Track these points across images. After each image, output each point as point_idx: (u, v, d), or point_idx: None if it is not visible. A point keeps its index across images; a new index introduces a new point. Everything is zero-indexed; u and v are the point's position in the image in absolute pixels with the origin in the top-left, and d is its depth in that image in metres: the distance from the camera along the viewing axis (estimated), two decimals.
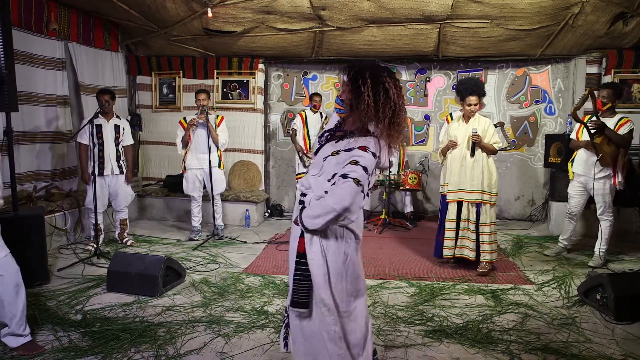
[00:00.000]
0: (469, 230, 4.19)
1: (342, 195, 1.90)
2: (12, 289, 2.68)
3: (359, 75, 1.97)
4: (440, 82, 6.75)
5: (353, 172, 1.93)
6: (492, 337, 2.97)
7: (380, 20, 5.45)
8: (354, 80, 1.97)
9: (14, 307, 2.70)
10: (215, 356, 2.74)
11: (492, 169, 4.17)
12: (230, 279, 4.03)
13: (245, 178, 6.72)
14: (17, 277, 2.72)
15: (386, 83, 1.95)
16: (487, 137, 4.12)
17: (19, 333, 2.72)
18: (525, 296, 3.71)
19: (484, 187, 4.11)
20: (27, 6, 4.83)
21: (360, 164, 1.94)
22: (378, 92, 1.93)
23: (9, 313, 2.69)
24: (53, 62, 5.25)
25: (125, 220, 5.20)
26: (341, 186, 1.92)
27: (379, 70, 1.98)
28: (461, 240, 4.24)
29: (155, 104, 6.86)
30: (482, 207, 4.15)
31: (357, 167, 1.94)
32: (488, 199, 4.13)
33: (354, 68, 2.01)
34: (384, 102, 1.94)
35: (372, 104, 1.93)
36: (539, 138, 6.55)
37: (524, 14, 5.11)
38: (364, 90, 1.93)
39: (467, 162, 4.15)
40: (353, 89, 1.97)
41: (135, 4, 5.26)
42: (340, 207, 1.90)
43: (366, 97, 1.93)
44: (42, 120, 5.14)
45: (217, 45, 6.29)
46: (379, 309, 3.41)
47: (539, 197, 6.66)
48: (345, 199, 1.90)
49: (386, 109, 1.94)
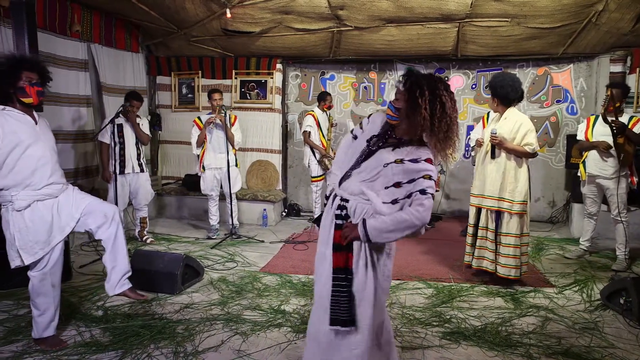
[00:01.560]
0: (487, 239, 3.85)
1: (424, 211, 1.93)
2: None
3: (416, 86, 1.97)
4: (459, 82, 6.68)
5: (430, 188, 1.96)
6: (512, 340, 2.94)
7: (399, 20, 5.42)
8: (411, 91, 1.97)
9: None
10: (232, 354, 2.76)
11: (519, 174, 3.75)
12: (247, 278, 4.06)
13: (263, 177, 6.76)
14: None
15: (443, 97, 1.97)
16: (517, 138, 3.72)
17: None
18: (545, 299, 3.65)
19: (504, 194, 3.73)
20: (51, 8, 4.94)
21: (433, 178, 1.98)
22: (435, 106, 1.94)
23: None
24: (76, 63, 5.36)
25: (145, 219, 5.28)
26: (422, 202, 1.94)
27: (437, 83, 1.99)
28: (479, 250, 3.92)
29: (174, 104, 6.95)
30: (501, 216, 3.79)
31: (431, 182, 1.97)
32: (508, 207, 3.72)
33: (411, 78, 2.02)
34: (440, 116, 1.95)
35: (429, 117, 1.94)
36: (560, 138, 6.43)
37: (546, 12, 5.02)
38: (422, 103, 1.94)
39: (488, 165, 3.84)
40: (410, 100, 1.97)
41: (156, 5, 5.33)
42: (421, 222, 1.93)
43: (423, 110, 1.94)
44: (66, 120, 5.25)
45: (236, 45, 6.34)
46: (396, 310, 3.40)
47: (560, 199, 6.54)
48: (427, 214, 1.94)
49: (442, 123, 1.96)
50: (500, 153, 3.79)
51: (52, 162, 2.73)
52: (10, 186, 2.58)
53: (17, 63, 2.57)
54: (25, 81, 2.58)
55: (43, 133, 2.75)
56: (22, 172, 2.59)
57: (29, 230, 2.63)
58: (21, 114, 2.64)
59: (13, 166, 2.57)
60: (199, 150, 5.44)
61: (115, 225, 2.95)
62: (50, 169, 2.70)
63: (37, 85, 2.63)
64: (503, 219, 3.79)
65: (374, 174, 2.02)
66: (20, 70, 2.56)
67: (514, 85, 3.80)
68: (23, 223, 2.62)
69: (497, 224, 3.82)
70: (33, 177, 2.62)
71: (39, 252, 2.67)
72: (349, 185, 2.07)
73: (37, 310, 2.75)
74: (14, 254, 2.66)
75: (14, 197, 2.58)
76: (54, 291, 2.77)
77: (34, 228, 2.64)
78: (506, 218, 3.77)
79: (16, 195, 2.58)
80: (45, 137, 2.76)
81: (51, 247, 2.71)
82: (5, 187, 2.58)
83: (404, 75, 2.06)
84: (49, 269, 2.73)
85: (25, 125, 2.63)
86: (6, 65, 2.54)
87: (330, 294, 2.00)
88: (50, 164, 2.71)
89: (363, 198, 2.02)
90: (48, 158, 2.70)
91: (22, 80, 2.58)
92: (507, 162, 3.77)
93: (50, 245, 2.71)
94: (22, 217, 2.61)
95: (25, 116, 2.66)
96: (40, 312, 2.75)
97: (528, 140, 3.73)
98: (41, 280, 2.72)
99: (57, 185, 2.76)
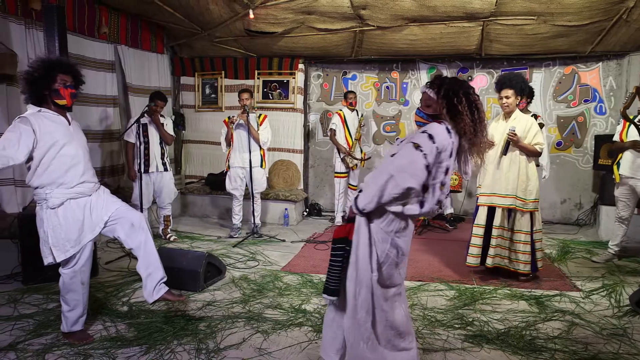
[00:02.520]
0: (503, 238, 3.92)
1: (397, 156, 2.01)
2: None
3: (452, 93, 2.04)
4: (483, 81, 6.58)
5: (416, 138, 2.01)
6: (536, 345, 2.88)
7: (422, 19, 5.38)
8: (448, 97, 2.04)
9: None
10: (253, 352, 2.79)
11: (530, 173, 3.86)
12: (269, 277, 4.09)
13: (285, 177, 6.79)
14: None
15: (477, 101, 2.07)
16: (528, 137, 3.80)
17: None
18: (571, 304, 3.56)
19: (518, 193, 3.81)
20: (80, 11, 5.07)
21: (429, 132, 2.01)
22: (472, 110, 2.04)
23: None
24: (104, 64, 5.49)
25: (169, 217, 5.37)
26: (401, 148, 2.03)
27: (469, 88, 2.08)
28: (495, 249, 3.93)
29: (198, 104, 7.05)
30: (515, 213, 3.88)
31: (424, 135, 2.01)
32: (522, 205, 3.82)
33: (444, 84, 2.08)
34: (479, 119, 2.05)
35: (470, 122, 2.02)
36: (588, 139, 6.27)
37: (573, 10, 4.91)
38: (462, 109, 2.01)
39: (502, 163, 3.86)
40: (448, 106, 2.04)
41: (180, 6, 5.42)
42: (394, 168, 1.96)
43: (465, 116, 2.02)
44: (93, 120, 5.39)
45: (258, 45, 6.39)
46: (417, 312, 3.37)
47: (587, 201, 6.38)
48: (402, 162, 1.98)
49: (482, 126, 2.06)
50: (511, 150, 3.86)
51: (85, 161, 2.81)
52: (45, 184, 2.66)
53: (52, 66, 2.65)
54: (59, 84, 2.66)
55: (76, 133, 2.84)
56: (57, 171, 2.67)
57: (62, 227, 2.69)
58: (55, 115, 2.73)
59: (48, 165, 2.65)
60: (228, 148, 5.49)
61: (143, 233, 2.93)
62: (82, 168, 2.77)
63: (70, 87, 2.71)
64: (515, 217, 3.89)
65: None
66: (55, 73, 2.64)
67: (524, 80, 4.02)
68: (57, 221, 2.69)
69: (508, 221, 3.94)
70: (66, 176, 2.69)
71: (70, 250, 2.73)
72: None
73: (66, 305, 2.84)
74: (46, 250, 2.74)
75: (49, 195, 2.66)
76: (83, 288, 2.85)
77: (66, 226, 2.70)
78: (518, 216, 3.88)
79: (50, 193, 2.66)
80: (78, 137, 2.84)
81: (82, 246, 2.78)
82: (40, 185, 2.66)
83: (432, 82, 2.12)
84: (79, 267, 2.81)
85: (59, 125, 2.71)
86: (42, 69, 2.62)
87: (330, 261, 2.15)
88: (82, 163, 2.78)
89: None
90: (81, 157, 2.78)
91: (56, 83, 2.65)
92: (521, 160, 3.85)
93: (81, 244, 2.77)
94: (55, 214, 2.68)
95: (59, 117, 2.74)
96: (69, 308, 2.84)
97: (539, 140, 3.85)
98: (72, 277, 2.80)
99: (89, 184, 2.83)
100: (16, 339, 2.89)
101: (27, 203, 4.31)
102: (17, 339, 2.88)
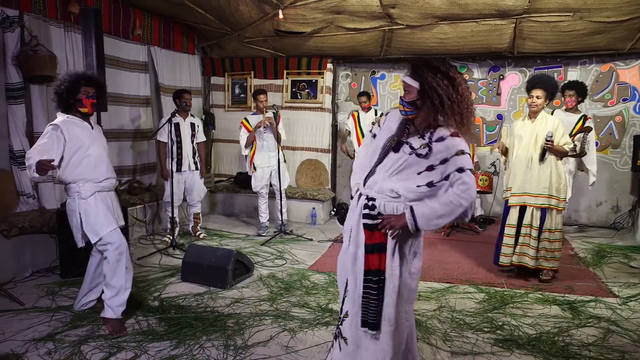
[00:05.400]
0: (530, 237, 3.94)
1: (468, 189, 1.88)
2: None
3: (429, 73, 1.93)
4: (515, 80, 6.43)
5: (467, 163, 1.91)
6: (569, 352, 2.80)
7: (452, 17, 5.29)
8: (425, 79, 1.93)
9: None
10: (280, 350, 2.81)
11: (560, 172, 3.89)
12: (296, 275, 4.11)
13: (312, 176, 6.82)
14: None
15: (457, 79, 1.93)
16: (556, 137, 3.81)
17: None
18: (607, 310, 3.44)
19: (552, 192, 3.86)
20: (116, 14, 5.23)
21: (466, 152, 1.92)
22: (455, 89, 1.92)
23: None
24: (137, 65, 5.64)
25: (199, 215, 5.47)
26: (464, 180, 1.88)
27: (447, 66, 1.95)
28: (521, 247, 3.98)
29: (227, 104, 7.15)
30: (548, 212, 3.89)
31: (466, 156, 1.92)
32: (556, 204, 3.87)
33: (420, 67, 1.97)
34: (457, 98, 1.91)
35: (448, 101, 1.90)
36: (626, 139, 6.04)
37: (612, 5, 4.73)
38: (438, 87, 1.90)
39: (533, 164, 3.88)
40: (425, 88, 1.93)
41: (211, 8, 5.51)
42: (468, 202, 1.89)
43: (442, 94, 1.90)
44: (126, 119, 5.54)
45: (287, 45, 6.43)
46: (445, 314, 3.33)
47: (625, 204, 6.15)
48: (472, 192, 1.89)
49: (462, 106, 1.92)
50: (548, 155, 3.88)
51: (107, 160, 3.19)
52: (78, 180, 3.03)
53: (77, 80, 3.01)
54: (82, 94, 3.03)
55: (98, 135, 3.22)
56: (87, 168, 3.04)
57: (92, 212, 3.03)
58: (80, 121, 3.10)
59: (79, 164, 3.02)
60: (248, 150, 5.54)
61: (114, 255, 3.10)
62: (106, 165, 3.15)
63: (92, 97, 3.08)
64: (551, 216, 3.91)
65: (400, 164, 1.99)
66: (79, 85, 3.01)
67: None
68: (88, 207, 3.03)
69: (542, 221, 3.92)
70: (95, 172, 3.07)
71: (103, 230, 3.02)
72: (374, 183, 2.04)
73: (110, 291, 3.03)
74: (79, 236, 3.09)
75: (81, 189, 3.03)
76: (127, 273, 3.07)
77: (96, 211, 3.04)
78: (552, 214, 3.91)
79: (83, 187, 3.03)
80: (100, 139, 3.22)
81: (113, 228, 3.06)
82: (73, 181, 3.03)
83: (412, 67, 2.02)
84: (124, 248, 3.07)
85: (84, 129, 3.09)
86: (67, 82, 2.99)
87: (361, 295, 1.99)
88: (105, 161, 3.17)
89: (391, 195, 1.99)
90: (104, 157, 3.17)
91: (80, 94, 3.03)
92: (552, 160, 3.87)
93: (111, 226, 3.05)
94: (87, 203, 3.04)
95: (83, 122, 3.12)
96: (112, 294, 3.02)
97: (567, 140, 3.88)
98: (118, 260, 3.03)
99: (112, 179, 3.20)
100: (54, 329, 3.01)
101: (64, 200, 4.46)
102: (55, 330, 3.00)
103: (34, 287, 3.75)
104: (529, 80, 3.98)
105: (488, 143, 6.64)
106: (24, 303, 3.40)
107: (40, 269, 4.10)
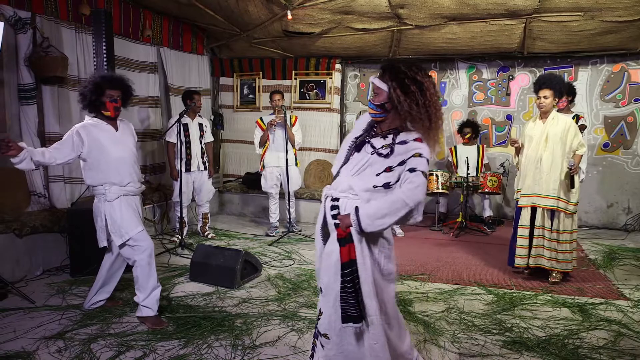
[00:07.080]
0: (544, 238, 3.93)
1: (414, 189, 1.89)
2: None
3: (398, 78, 1.96)
4: (525, 80, 6.38)
5: (421, 165, 1.93)
6: (579, 355, 2.77)
7: (461, 17, 5.27)
8: (398, 82, 1.96)
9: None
10: (288, 350, 2.81)
11: (573, 175, 3.85)
12: (304, 276, 4.11)
13: (321, 177, 6.82)
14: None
15: (426, 83, 1.96)
16: (568, 139, 3.82)
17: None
18: (618, 313, 3.40)
19: (561, 194, 3.84)
20: (126, 16, 5.27)
21: (424, 156, 1.94)
22: (423, 94, 1.94)
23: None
24: (147, 65, 5.68)
25: (207, 214, 5.50)
26: (412, 180, 1.90)
27: (416, 71, 1.98)
28: (536, 249, 3.97)
29: (236, 104, 7.18)
30: (556, 214, 3.89)
31: (422, 159, 1.94)
32: (564, 206, 3.85)
33: (390, 70, 2.00)
34: (427, 103, 1.94)
35: (415, 107, 1.93)
36: (638, 140, 5.97)
37: (624, 4, 4.68)
38: (410, 95, 1.93)
39: (542, 164, 3.86)
40: (394, 92, 1.96)
41: (220, 9, 5.53)
42: (413, 202, 1.89)
43: (410, 100, 1.93)
44: (136, 120, 5.58)
45: (296, 46, 6.44)
46: (454, 315, 3.31)
47: (636, 205, 6.08)
48: (418, 193, 1.89)
49: (430, 110, 1.95)
50: (550, 152, 3.86)
51: (131, 162, 3.19)
52: (103, 182, 3.08)
53: (101, 83, 3.07)
54: (106, 97, 3.09)
55: (123, 138, 3.22)
56: (109, 171, 3.08)
57: (118, 214, 3.08)
58: (104, 123, 3.15)
59: (97, 165, 3.07)
60: (262, 149, 5.58)
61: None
62: (130, 168, 3.17)
63: (115, 101, 3.12)
64: (559, 218, 3.91)
65: (361, 165, 2.01)
66: (103, 88, 3.07)
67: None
68: (113, 209, 3.09)
69: (550, 222, 3.93)
70: (118, 175, 3.10)
71: (129, 232, 3.07)
72: (338, 184, 2.07)
73: (143, 293, 3.09)
74: (102, 236, 3.14)
75: (107, 191, 3.08)
76: (156, 274, 3.16)
77: (121, 214, 3.09)
78: (562, 217, 3.90)
79: (109, 190, 3.08)
80: (125, 141, 3.22)
81: (140, 230, 3.11)
82: (98, 183, 3.09)
83: (381, 70, 2.04)
84: (152, 249, 3.14)
85: (106, 132, 3.13)
86: (91, 85, 3.06)
87: (339, 291, 1.97)
88: (129, 164, 3.17)
89: (352, 193, 2.01)
90: (127, 159, 3.16)
91: (104, 97, 3.08)
92: (561, 163, 3.85)
93: (135, 230, 3.09)
94: (112, 206, 3.09)
95: (107, 125, 3.16)
96: (145, 295, 3.08)
97: (581, 141, 3.89)
98: (149, 263, 3.11)
99: (137, 184, 3.22)
100: (64, 327, 3.04)
101: (75, 199, 4.52)
102: (65, 328, 3.03)
103: (44, 286, 3.79)
104: (536, 82, 3.98)
105: (497, 144, 6.60)
106: (34, 301, 3.44)
107: (51, 267, 4.15)
